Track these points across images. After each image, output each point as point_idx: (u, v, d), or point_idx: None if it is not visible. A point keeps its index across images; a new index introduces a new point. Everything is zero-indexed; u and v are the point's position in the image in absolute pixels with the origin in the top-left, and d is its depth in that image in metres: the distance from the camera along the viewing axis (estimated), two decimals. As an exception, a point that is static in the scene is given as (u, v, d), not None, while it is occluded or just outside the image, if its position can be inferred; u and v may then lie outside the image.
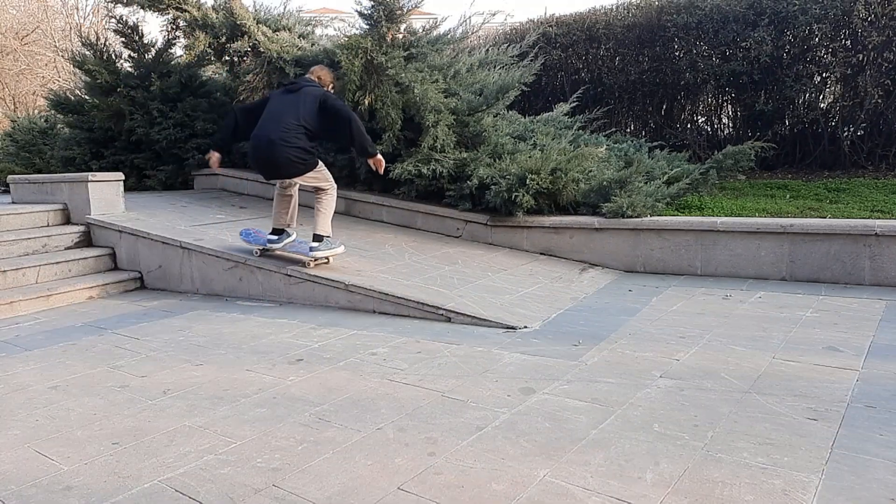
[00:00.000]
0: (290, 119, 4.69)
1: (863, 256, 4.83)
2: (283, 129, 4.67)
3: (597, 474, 2.27)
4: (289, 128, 4.68)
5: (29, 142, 9.99)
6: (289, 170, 4.78)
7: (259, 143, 4.75)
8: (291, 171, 4.81)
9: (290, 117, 4.70)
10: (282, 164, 4.73)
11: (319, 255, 4.96)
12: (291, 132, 4.67)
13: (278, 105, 4.80)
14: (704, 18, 7.89)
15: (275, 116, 4.74)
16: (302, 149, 4.72)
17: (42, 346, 4.11)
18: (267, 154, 4.71)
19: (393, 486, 2.25)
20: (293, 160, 4.70)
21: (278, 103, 4.81)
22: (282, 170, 4.80)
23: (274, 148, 4.66)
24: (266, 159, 4.76)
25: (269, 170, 4.87)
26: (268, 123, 4.75)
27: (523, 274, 5.33)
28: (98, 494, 2.28)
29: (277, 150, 4.66)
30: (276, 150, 4.66)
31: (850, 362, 3.26)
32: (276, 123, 4.70)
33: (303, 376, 3.38)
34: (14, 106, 20.23)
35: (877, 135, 7.46)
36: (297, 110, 4.72)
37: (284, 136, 4.66)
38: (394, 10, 6.26)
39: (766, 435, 2.52)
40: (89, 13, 23.09)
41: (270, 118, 4.76)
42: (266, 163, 4.79)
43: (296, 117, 4.70)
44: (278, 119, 4.71)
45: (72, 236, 6.06)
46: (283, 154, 4.67)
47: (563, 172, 5.84)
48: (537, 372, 3.30)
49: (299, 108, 4.72)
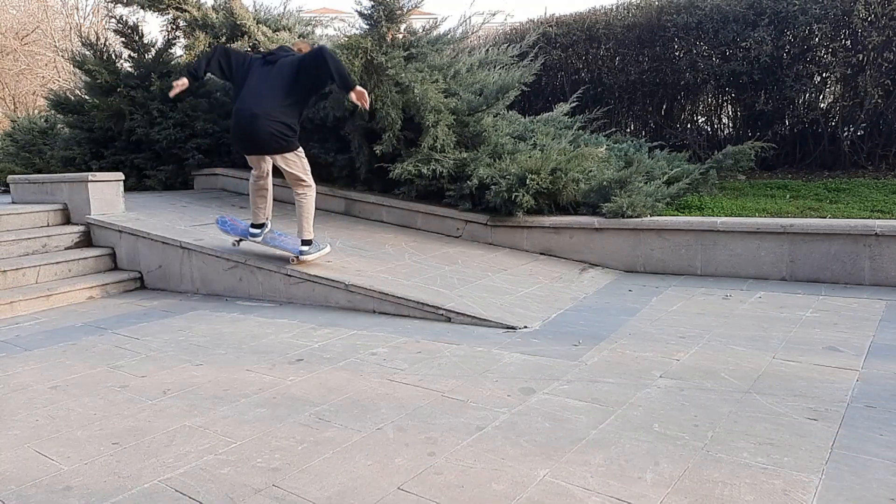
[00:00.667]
0: (271, 92, 4.62)
1: (863, 256, 4.83)
2: (266, 102, 4.59)
3: (597, 474, 2.27)
4: (271, 102, 4.59)
5: (29, 142, 9.99)
6: (270, 144, 4.69)
7: (241, 117, 4.66)
8: (272, 147, 4.71)
9: (271, 90, 4.63)
10: (263, 139, 4.64)
11: (310, 258, 4.96)
12: (275, 107, 4.59)
13: (259, 77, 4.70)
14: (704, 18, 7.89)
15: (257, 90, 4.65)
16: (285, 124, 4.64)
17: (42, 346, 4.11)
18: (249, 128, 4.63)
19: (393, 486, 2.25)
20: (275, 134, 4.62)
21: (259, 76, 4.72)
22: (263, 144, 4.70)
23: (256, 121, 4.58)
24: (248, 134, 4.67)
25: (250, 144, 4.77)
26: (250, 97, 4.65)
27: (523, 274, 5.33)
28: (98, 494, 2.28)
29: (259, 123, 4.58)
30: (258, 123, 4.58)
31: (850, 362, 3.26)
32: (259, 97, 4.61)
33: (303, 376, 3.38)
34: (14, 106, 20.24)
35: (877, 135, 7.46)
36: (277, 82, 4.64)
37: (267, 110, 4.58)
38: (394, 10, 6.26)
39: (766, 435, 2.52)
40: (89, 13, 23.11)
41: (252, 92, 4.66)
42: (248, 137, 4.71)
43: (277, 90, 4.62)
44: (260, 92, 4.63)
45: (72, 236, 6.06)
46: (266, 128, 4.59)
47: (563, 172, 5.84)
48: (537, 372, 3.30)
49: (279, 81, 4.64)
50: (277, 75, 4.68)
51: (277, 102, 4.61)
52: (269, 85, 4.66)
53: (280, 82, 4.65)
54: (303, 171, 4.90)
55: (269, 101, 4.60)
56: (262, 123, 4.59)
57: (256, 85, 4.68)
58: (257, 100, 4.62)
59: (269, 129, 4.61)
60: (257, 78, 4.72)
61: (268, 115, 4.58)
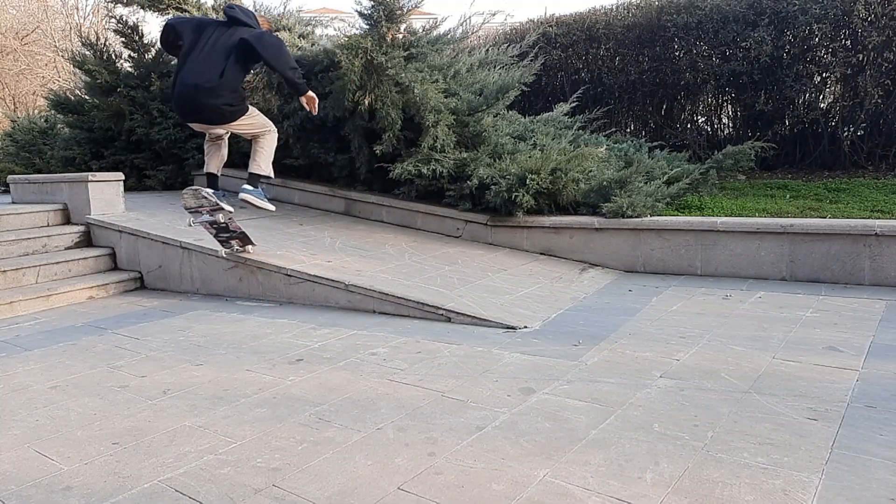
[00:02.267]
0: (219, 61, 4.42)
1: (863, 256, 4.83)
2: (212, 73, 4.39)
3: (597, 474, 2.27)
4: (217, 72, 4.39)
5: (29, 142, 9.99)
6: (213, 115, 4.51)
7: (184, 88, 4.45)
8: (217, 118, 4.54)
9: (219, 59, 4.42)
10: (207, 109, 4.46)
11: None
12: (221, 77, 4.39)
13: (209, 44, 4.49)
14: (704, 18, 7.89)
15: (204, 58, 4.44)
16: (231, 92, 4.46)
17: (42, 346, 4.11)
18: (192, 100, 4.44)
19: (393, 486, 2.25)
20: (220, 106, 4.46)
21: (209, 42, 4.49)
22: (206, 114, 4.51)
23: (199, 93, 4.40)
24: (190, 105, 4.48)
25: (193, 115, 4.56)
26: (195, 66, 4.44)
27: (523, 274, 5.33)
28: (98, 494, 2.28)
29: (203, 95, 4.40)
30: (201, 95, 4.40)
31: (850, 362, 3.26)
32: (205, 66, 4.41)
33: (303, 376, 3.38)
34: (14, 106, 20.23)
35: (877, 135, 7.46)
36: (227, 52, 4.44)
37: (213, 81, 4.38)
38: (394, 10, 6.26)
39: (766, 435, 2.51)
40: (89, 13, 23.10)
41: (199, 60, 4.44)
42: (190, 108, 4.51)
43: (225, 60, 4.41)
44: (207, 61, 4.42)
45: (72, 236, 6.06)
46: (210, 101, 4.41)
47: (563, 172, 5.84)
48: (537, 372, 3.30)
49: (230, 51, 4.44)
50: (231, 45, 4.47)
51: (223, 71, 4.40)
52: (218, 53, 4.44)
53: (233, 54, 4.44)
54: (260, 127, 4.73)
55: (214, 72, 4.39)
56: (205, 96, 4.40)
57: (205, 53, 4.46)
58: (202, 68, 4.40)
59: (213, 102, 4.42)
60: (208, 43, 4.49)
61: (212, 89, 4.38)
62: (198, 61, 4.46)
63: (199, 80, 4.40)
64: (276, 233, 6.03)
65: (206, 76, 4.41)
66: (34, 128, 10.25)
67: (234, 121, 4.61)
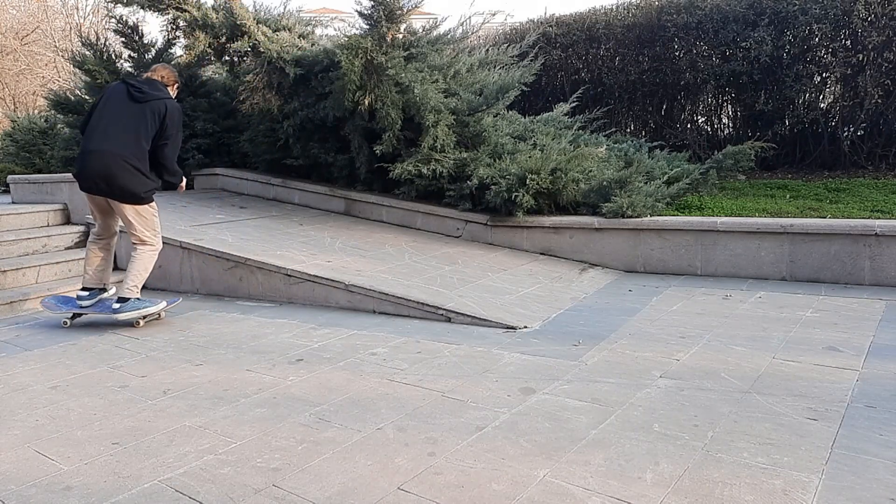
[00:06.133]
0: (133, 135, 4.18)
1: (863, 256, 4.83)
2: (125, 144, 4.16)
3: (597, 474, 2.27)
4: (132, 145, 4.17)
5: (29, 142, 9.99)
6: (125, 184, 4.17)
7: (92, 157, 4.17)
8: (127, 191, 4.20)
9: (133, 133, 4.18)
10: (118, 176, 4.14)
11: (123, 317, 4.37)
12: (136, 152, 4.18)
13: (119, 115, 4.22)
14: (704, 18, 7.89)
15: (115, 130, 4.18)
16: (143, 172, 4.21)
17: (42, 346, 4.11)
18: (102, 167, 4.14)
19: (393, 486, 2.25)
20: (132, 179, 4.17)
21: (119, 112, 4.23)
22: (118, 182, 4.16)
23: (114, 161, 4.13)
24: (102, 172, 4.15)
25: (103, 183, 4.20)
26: (103, 136, 4.18)
27: (523, 274, 5.33)
28: (98, 494, 2.28)
29: (117, 163, 4.13)
30: (115, 162, 4.13)
31: (850, 362, 3.26)
32: (117, 138, 4.16)
33: (303, 376, 3.38)
34: (14, 106, 20.22)
35: (877, 135, 7.45)
36: (140, 127, 4.19)
37: (126, 152, 4.15)
38: (394, 10, 6.25)
39: (766, 435, 2.52)
40: (89, 13, 23.08)
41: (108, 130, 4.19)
42: (101, 176, 4.17)
43: (140, 136, 4.19)
44: (119, 133, 4.18)
45: (72, 236, 6.05)
46: (123, 173, 4.14)
47: (563, 172, 5.84)
48: (537, 372, 3.30)
49: (143, 125, 4.19)
50: (145, 119, 4.21)
51: (137, 147, 4.19)
52: (130, 126, 4.20)
53: (143, 130, 4.20)
54: (150, 230, 4.40)
55: (129, 144, 4.17)
56: (119, 163, 4.13)
57: (115, 125, 4.20)
58: (114, 140, 4.16)
59: (126, 172, 4.15)
60: (117, 114, 4.23)
61: (125, 159, 4.15)
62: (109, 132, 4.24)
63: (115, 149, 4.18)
64: (276, 233, 6.03)
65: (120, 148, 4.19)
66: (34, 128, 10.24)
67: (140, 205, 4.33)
